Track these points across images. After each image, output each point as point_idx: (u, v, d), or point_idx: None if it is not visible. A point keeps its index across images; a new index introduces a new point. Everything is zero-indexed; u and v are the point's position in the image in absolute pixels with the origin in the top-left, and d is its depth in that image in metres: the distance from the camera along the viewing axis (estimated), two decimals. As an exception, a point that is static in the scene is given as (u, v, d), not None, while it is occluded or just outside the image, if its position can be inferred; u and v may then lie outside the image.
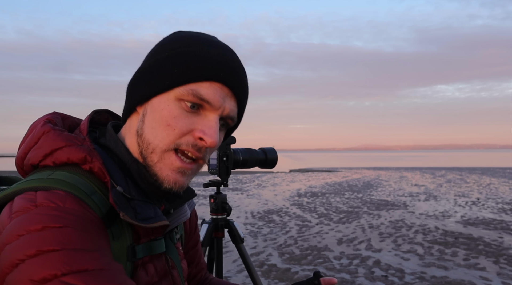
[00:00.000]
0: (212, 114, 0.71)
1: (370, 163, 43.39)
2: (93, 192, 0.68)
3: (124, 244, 0.70)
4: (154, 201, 0.77)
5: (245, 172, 25.10)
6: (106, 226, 0.67)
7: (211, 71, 0.70)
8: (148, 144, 0.71)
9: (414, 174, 23.35)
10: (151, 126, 0.71)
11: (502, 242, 6.53)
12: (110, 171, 0.71)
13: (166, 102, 0.71)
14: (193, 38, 0.73)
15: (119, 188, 0.69)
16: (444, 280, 4.71)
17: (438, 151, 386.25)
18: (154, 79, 0.72)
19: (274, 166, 2.06)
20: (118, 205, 0.66)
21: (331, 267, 5.23)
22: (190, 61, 0.70)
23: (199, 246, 1.09)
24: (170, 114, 0.70)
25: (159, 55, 0.73)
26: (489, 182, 17.49)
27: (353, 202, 11.50)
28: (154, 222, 0.71)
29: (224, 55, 0.73)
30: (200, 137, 0.70)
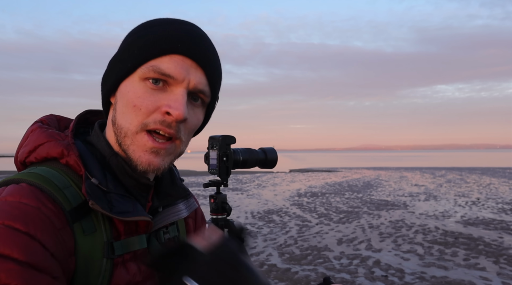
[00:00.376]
0: (178, 88, 0.70)
1: (370, 163, 43.39)
2: (67, 186, 0.68)
3: (100, 239, 0.68)
4: (137, 197, 0.75)
5: (245, 172, 25.10)
6: (73, 220, 0.65)
7: (169, 44, 0.69)
8: (121, 129, 0.71)
9: (414, 174, 23.35)
10: (122, 112, 0.71)
11: (502, 242, 6.53)
12: (88, 163, 0.71)
13: (131, 84, 0.70)
14: (154, 20, 0.74)
15: (94, 179, 0.69)
16: (444, 280, 4.71)
17: (438, 151, 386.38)
18: (118, 66, 0.72)
19: (274, 166, 2.06)
20: (90, 195, 0.65)
21: (331, 267, 5.22)
22: (149, 39, 0.70)
23: None
24: (135, 95, 0.69)
25: (123, 43, 0.74)
26: (489, 182, 17.49)
27: (353, 202, 11.50)
28: (130, 216, 0.69)
29: (182, 29, 0.71)
30: (167, 111, 0.68)
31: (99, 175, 0.71)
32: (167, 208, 0.83)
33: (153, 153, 0.71)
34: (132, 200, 0.73)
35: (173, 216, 0.83)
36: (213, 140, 1.92)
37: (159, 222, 0.80)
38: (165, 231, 0.83)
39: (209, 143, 1.94)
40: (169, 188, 0.84)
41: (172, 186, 0.85)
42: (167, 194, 0.83)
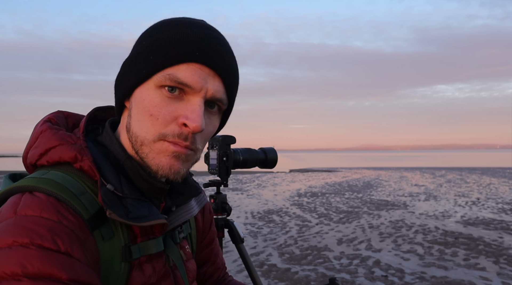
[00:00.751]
0: (195, 97, 0.68)
1: (370, 163, 43.39)
2: (83, 192, 0.67)
3: (118, 244, 0.69)
4: (152, 199, 0.76)
5: (245, 172, 25.11)
6: (93, 228, 0.65)
7: (186, 51, 0.66)
8: (136, 137, 0.70)
9: (414, 174, 23.35)
10: (137, 119, 0.69)
11: (502, 242, 6.53)
12: (102, 168, 0.70)
13: (146, 91, 0.68)
14: (170, 22, 0.70)
15: (110, 186, 0.68)
16: (444, 280, 4.71)
17: (438, 151, 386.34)
18: (134, 71, 0.70)
19: (274, 166, 2.06)
20: (106, 203, 0.65)
21: (331, 267, 5.23)
22: (165, 45, 0.67)
23: (215, 244, 1.03)
24: (151, 103, 0.67)
25: (138, 45, 0.72)
26: (489, 182, 17.49)
27: (353, 202, 11.50)
28: (147, 221, 0.69)
29: (200, 34, 0.68)
30: (184, 123, 0.67)
31: (114, 180, 0.70)
32: (180, 206, 0.83)
33: (175, 157, 0.69)
34: (148, 203, 0.73)
35: (186, 214, 0.84)
36: (213, 140, 1.92)
37: (174, 221, 0.81)
38: (180, 230, 0.84)
39: (209, 143, 1.94)
40: (181, 186, 0.84)
41: (184, 185, 0.84)
42: (179, 193, 0.83)
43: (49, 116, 0.78)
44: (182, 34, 0.68)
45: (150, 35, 0.70)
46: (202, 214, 0.98)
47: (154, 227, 0.74)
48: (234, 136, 1.91)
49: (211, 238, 1.01)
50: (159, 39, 0.68)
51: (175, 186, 0.83)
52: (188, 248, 0.86)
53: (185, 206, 0.84)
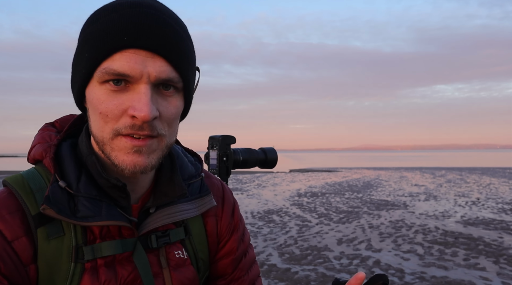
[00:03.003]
0: (139, 85, 0.63)
1: (370, 163, 43.39)
2: (41, 188, 0.70)
3: (67, 243, 0.67)
4: (117, 198, 0.70)
5: (245, 172, 25.11)
6: (37, 225, 0.66)
7: (114, 40, 0.62)
8: (97, 138, 0.67)
9: (414, 174, 23.35)
10: (93, 120, 0.67)
11: (502, 242, 6.53)
12: (64, 165, 0.70)
13: (93, 90, 0.65)
14: (100, 10, 0.66)
15: (62, 182, 0.67)
16: (444, 280, 4.71)
17: (438, 151, 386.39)
18: (78, 72, 0.67)
19: (274, 166, 2.06)
20: (48, 199, 0.65)
21: (331, 267, 5.23)
22: (95, 38, 0.63)
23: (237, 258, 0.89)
24: (99, 101, 0.64)
25: (77, 43, 0.68)
26: (489, 182, 17.49)
27: (353, 202, 11.50)
28: (94, 221, 0.66)
29: (127, 16, 0.62)
30: (132, 114, 0.63)
31: (73, 177, 0.69)
32: (162, 208, 0.76)
33: (136, 152, 0.65)
34: (105, 203, 0.69)
35: (169, 217, 0.76)
36: (213, 140, 1.92)
37: (149, 224, 0.74)
38: (161, 235, 0.76)
39: (209, 143, 1.94)
40: (165, 186, 0.77)
41: (169, 184, 0.77)
42: (163, 193, 0.76)
43: (56, 120, 0.81)
44: (108, 21, 0.63)
45: (83, 30, 0.66)
46: (216, 218, 0.87)
47: (121, 229, 0.71)
48: (234, 136, 1.91)
49: (231, 248, 0.88)
50: (90, 33, 0.64)
51: (160, 185, 0.77)
52: (180, 254, 0.79)
53: (169, 208, 0.76)
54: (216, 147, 1.88)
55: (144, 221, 0.75)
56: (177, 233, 0.79)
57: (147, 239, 0.75)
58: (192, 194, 0.81)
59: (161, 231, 0.77)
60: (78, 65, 0.66)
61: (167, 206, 0.76)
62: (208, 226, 0.86)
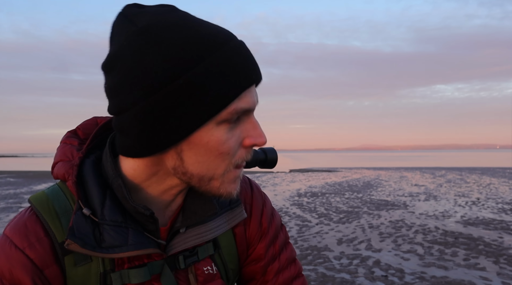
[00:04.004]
0: (250, 114, 0.64)
1: (370, 163, 43.40)
2: (66, 211, 0.67)
3: (95, 269, 0.66)
4: (145, 223, 0.68)
5: (245, 172, 25.07)
6: (65, 252, 0.64)
7: (246, 78, 0.60)
8: (200, 177, 0.64)
9: (414, 174, 23.35)
10: (197, 161, 0.63)
11: (502, 242, 6.53)
12: (88, 188, 0.66)
13: (208, 133, 0.60)
14: (194, 43, 0.58)
15: (86, 210, 0.63)
16: (444, 280, 4.71)
17: (438, 150, 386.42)
18: (183, 118, 0.58)
19: (274, 166, 2.05)
20: (72, 231, 0.62)
21: (331, 267, 5.23)
22: (217, 77, 0.58)
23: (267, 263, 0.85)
24: (219, 143, 0.61)
25: (169, 86, 0.57)
26: (489, 182, 17.49)
27: (353, 202, 11.50)
28: (120, 252, 0.63)
29: (241, 49, 0.62)
30: (252, 144, 0.64)
31: (97, 202, 0.65)
32: (192, 228, 0.73)
33: (238, 178, 0.68)
34: (132, 230, 0.65)
35: (199, 237, 0.72)
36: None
37: (178, 245, 0.71)
38: (189, 254, 0.74)
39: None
40: (195, 204, 0.73)
41: (199, 202, 0.73)
42: (192, 211, 0.73)
43: (78, 126, 0.76)
44: (227, 57, 0.59)
45: (185, 70, 0.57)
46: (244, 226, 0.84)
47: (153, 254, 0.69)
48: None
49: (258, 255, 0.84)
50: (205, 72, 0.57)
51: (190, 203, 0.73)
52: (209, 269, 0.76)
53: (199, 227, 0.73)
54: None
55: (172, 241, 0.72)
56: (205, 249, 0.77)
57: (175, 260, 0.73)
58: (222, 206, 0.76)
59: (189, 249, 0.74)
60: (185, 109, 0.58)
61: (197, 225, 0.73)
62: (237, 236, 0.83)
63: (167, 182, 0.68)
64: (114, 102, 0.62)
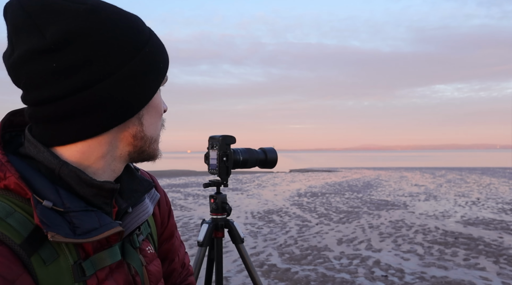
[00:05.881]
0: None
1: (370, 163, 43.39)
2: (10, 212, 0.58)
3: (66, 263, 0.60)
4: (101, 206, 0.66)
5: (245, 172, 25.10)
6: (29, 254, 0.57)
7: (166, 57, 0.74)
8: (151, 138, 0.73)
9: (414, 174, 23.35)
10: (151, 124, 0.72)
11: (502, 242, 6.52)
12: (34, 183, 0.60)
13: (157, 95, 0.73)
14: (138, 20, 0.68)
15: (46, 202, 0.58)
16: (444, 280, 4.71)
17: (438, 150, 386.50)
18: (150, 81, 0.68)
19: (274, 166, 2.05)
20: (46, 224, 0.56)
21: (331, 267, 5.23)
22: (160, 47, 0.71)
23: (175, 239, 0.95)
24: (161, 103, 0.75)
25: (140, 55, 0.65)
26: (489, 182, 17.49)
27: (353, 202, 11.50)
28: (99, 233, 0.61)
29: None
30: (165, 110, 0.77)
31: (51, 194, 0.60)
32: (136, 206, 0.75)
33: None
34: (97, 212, 0.64)
35: (143, 214, 0.76)
36: (213, 140, 1.91)
37: (131, 225, 0.73)
38: (138, 232, 0.76)
39: (209, 143, 1.94)
40: (132, 183, 0.75)
41: (134, 180, 0.76)
42: (132, 190, 0.74)
43: None
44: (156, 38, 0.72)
45: (145, 41, 0.67)
46: (158, 206, 0.90)
47: (108, 236, 0.65)
48: (234, 137, 1.91)
49: (170, 231, 0.93)
50: (154, 43, 0.70)
51: (125, 183, 0.74)
52: (150, 249, 0.79)
53: (141, 205, 0.76)
54: (216, 147, 1.88)
55: (124, 222, 0.72)
56: (145, 228, 0.81)
57: (130, 240, 0.74)
58: None
59: (137, 229, 0.77)
60: (151, 73, 0.68)
61: (139, 204, 0.76)
62: (155, 216, 0.89)
63: (117, 159, 0.69)
64: (71, 81, 0.60)
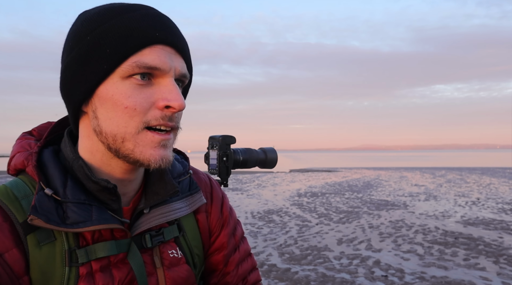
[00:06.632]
0: (166, 78, 0.66)
1: (370, 163, 43.39)
2: (27, 195, 0.67)
3: (59, 247, 0.66)
4: (107, 201, 0.69)
5: (245, 172, 25.11)
6: (26, 232, 0.64)
7: (144, 35, 0.64)
8: (113, 136, 0.66)
9: (414, 174, 23.35)
10: (108, 118, 0.65)
11: (502, 242, 6.53)
12: (49, 173, 0.68)
13: (113, 86, 0.64)
14: (108, 11, 0.66)
15: (48, 190, 0.65)
16: (444, 280, 4.71)
17: (438, 150, 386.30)
18: (88, 70, 0.64)
19: (274, 166, 2.06)
20: (35, 209, 0.62)
21: (331, 267, 5.23)
22: (120, 33, 0.63)
23: (229, 253, 0.88)
24: (123, 96, 0.64)
25: (79, 44, 0.65)
26: (489, 182, 17.49)
27: (353, 202, 11.50)
28: (86, 226, 0.64)
29: (150, 15, 0.66)
30: (166, 105, 0.65)
31: (59, 183, 0.67)
32: (155, 208, 0.76)
33: (163, 147, 0.67)
34: (95, 207, 0.67)
35: (163, 217, 0.76)
36: (213, 140, 1.92)
37: (142, 225, 0.74)
38: (155, 233, 0.76)
39: (209, 143, 1.94)
40: (156, 185, 0.76)
41: (160, 183, 0.77)
42: (154, 193, 0.76)
43: (33, 128, 0.79)
44: (133, 19, 0.65)
45: (91, 30, 0.65)
46: (206, 213, 0.87)
47: (114, 231, 0.70)
48: (234, 136, 1.91)
49: (221, 243, 0.88)
50: (108, 30, 0.64)
51: (151, 185, 0.77)
52: (174, 253, 0.78)
53: (163, 207, 0.76)
54: (216, 147, 1.88)
55: (137, 222, 0.74)
56: (170, 231, 0.79)
57: (141, 239, 0.74)
58: (182, 191, 0.81)
59: (155, 230, 0.76)
60: (90, 62, 0.64)
61: (160, 206, 0.76)
62: (200, 223, 0.86)
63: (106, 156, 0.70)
64: None
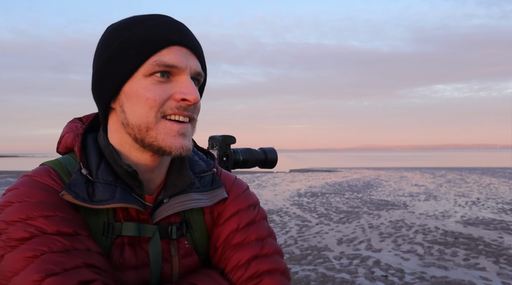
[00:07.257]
0: (183, 76, 0.75)
1: (370, 163, 43.38)
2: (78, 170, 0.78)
3: (102, 220, 0.76)
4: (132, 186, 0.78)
5: (245, 172, 25.10)
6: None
7: (164, 37, 0.74)
8: (138, 126, 0.75)
9: (414, 174, 23.35)
10: (133, 111, 0.74)
11: (502, 242, 6.53)
12: (88, 154, 0.79)
13: (137, 83, 0.74)
14: (131, 21, 0.77)
15: (84, 170, 0.76)
16: (444, 280, 4.71)
17: (438, 150, 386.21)
18: (115, 71, 0.74)
19: (274, 166, 2.06)
20: (69, 186, 0.73)
21: (331, 267, 5.23)
22: (142, 37, 0.74)
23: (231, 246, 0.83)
24: (146, 90, 0.73)
25: (108, 49, 0.76)
26: (489, 182, 17.49)
27: (353, 202, 11.50)
28: (105, 204, 0.73)
29: (167, 21, 0.77)
30: (182, 98, 0.74)
31: (94, 165, 0.77)
32: (174, 197, 0.82)
33: (181, 135, 0.75)
34: (120, 188, 0.76)
35: (181, 205, 0.81)
36: (213, 140, 1.91)
37: (162, 212, 0.80)
38: (179, 226, 0.81)
39: (209, 143, 1.94)
40: (175, 178, 0.84)
41: (179, 176, 0.83)
42: (172, 184, 0.83)
43: (84, 115, 0.90)
44: (152, 25, 0.75)
45: (118, 36, 0.76)
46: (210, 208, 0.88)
47: (139, 214, 0.78)
48: (234, 136, 1.91)
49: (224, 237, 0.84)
50: (131, 35, 0.74)
51: (171, 178, 0.84)
52: (187, 244, 0.83)
53: (182, 196, 0.82)
54: (216, 147, 1.88)
55: (157, 210, 0.81)
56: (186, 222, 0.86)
57: (168, 230, 0.80)
58: (204, 186, 0.87)
59: (179, 222, 0.83)
60: (117, 64, 0.74)
61: (178, 195, 0.82)
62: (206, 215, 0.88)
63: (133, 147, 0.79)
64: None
